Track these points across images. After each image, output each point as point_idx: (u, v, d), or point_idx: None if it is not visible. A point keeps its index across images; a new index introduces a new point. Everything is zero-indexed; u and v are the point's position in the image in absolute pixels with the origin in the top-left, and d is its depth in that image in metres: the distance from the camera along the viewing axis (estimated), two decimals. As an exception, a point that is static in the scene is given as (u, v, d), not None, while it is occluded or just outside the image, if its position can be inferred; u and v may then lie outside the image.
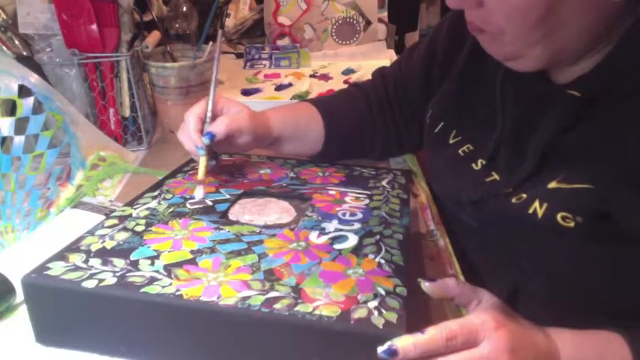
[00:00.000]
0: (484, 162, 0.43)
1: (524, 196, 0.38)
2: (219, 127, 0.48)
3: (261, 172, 0.53)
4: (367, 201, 0.47)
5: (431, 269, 0.46)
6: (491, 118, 0.43)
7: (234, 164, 0.55)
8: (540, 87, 0.40)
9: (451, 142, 0.47)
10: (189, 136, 0.48)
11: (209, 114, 0.49)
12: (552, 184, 0.37)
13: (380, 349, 0.29)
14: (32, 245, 0.46)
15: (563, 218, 0.35)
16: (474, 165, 0.44)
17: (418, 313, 0.38)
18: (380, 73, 0.60)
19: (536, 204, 0.37)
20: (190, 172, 0.53)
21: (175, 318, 0.33)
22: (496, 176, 0.42)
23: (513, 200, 0.39)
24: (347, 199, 0.47)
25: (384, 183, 0.51)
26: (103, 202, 0.53)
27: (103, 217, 0.48)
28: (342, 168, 0.55)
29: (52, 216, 0.52)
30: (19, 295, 0.40)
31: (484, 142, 0.44)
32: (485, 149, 0.43)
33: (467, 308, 0.34)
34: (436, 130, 0.50)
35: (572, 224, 0.35)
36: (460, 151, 0.46)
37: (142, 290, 0.33)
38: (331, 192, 0.49)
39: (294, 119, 0.55)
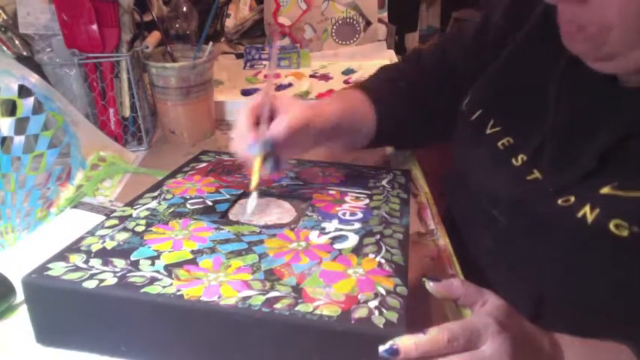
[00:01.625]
0: (525, 158, 0.41)
1: (572, 199, 0.36)
2: (278, 128, 0.41)
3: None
4: (367, 201, 0.47)
5: (431, 269, 0.46)
6: (540, 112, 0.40)
7: (233, 164, 0.55)
8: (608, 86, 0.37)
9: (488, 132, 0.44)
10: (242, 133, 0.41)
11: (265, 112, 0.42)
12: (605, 190, 0.35)
13: (381, 349, 0.29)
14: (32, 245, 0.46)
15: (617, 226, 0.33)
16: (513, 160, 0.41)
17: (418, 312, 0.38)
18: (416, 58, 0.57)
19: (587, 209, 0.35)
20: (190, 172, 0.53)
21: (176, 318, 0.33)
22: (538, 175, 0.39)
23: (559, 202, 0.36)
24: (347, 198, 0.47)
25: (384, 183, 0.51)
26: (103, 202, 0.53)
27: (103, 217, 0.48)
28: (341, 168, 0.55)
29: (52, 216, 0.52)
30: (19, 295, 0.40)
31: (527, 137, 0.41)
32: (528, 144, 0.41)
33: (471, 309, 0.34)
34: (472, 119, 0.47)
35: (625, 233, 0.33)
36: (499, 144, 0.43)
37: (143, 290, 0.33)
38: (331, 192, 0.49)
39: (351, 110, 0.50)
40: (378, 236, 0.41)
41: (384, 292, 0.33)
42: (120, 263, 0.36)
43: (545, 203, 0.38)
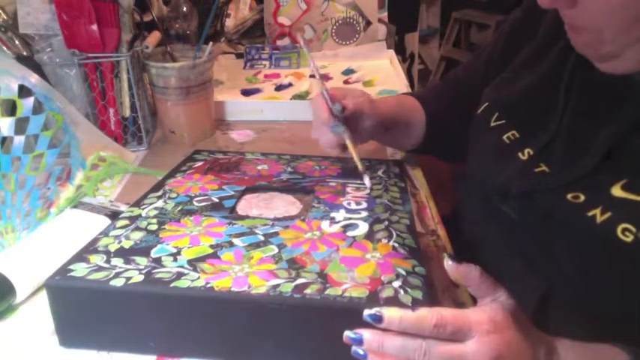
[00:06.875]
0: (532, 152, 0.41)
1: (582, 197, 0.36)
2: (347, 102, 0.48)
3: (259, 168, 0.54)
4: (368, 190, 0.49)
5: (431, 269, 0.46)
6: (547, 108, 0.41)
7: (229, 162, 0.56)
8: (617, 81, 0.37)
9: (492, 124, 0.46)
10: (322, 120, 0.47)
11: (330, 103, 0.47)
12: (616, 190, 0.35)
13: (366, 312, 0.30)
14: (32, 245, 0.46)
15: (623, 231, 0.33)
16: (520, 154, 0.42)
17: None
18: (452, 76, 0.61)
19: (598, 211, 0.35)
20: (189, 172, 0.54)
21: (207, 309, 0.34)
22: (545, 168, 0.40)
23: (569, 197, 0.37)
24: (348, 189, 0.50)
25: (380, 173, 0.54)
26: (103, 202, 0.54)
27: (103, 217, 0.48)
28: (335, 161, 0.57)
29: (52, 216, 0.53)
30: (19, 295, 0.41)
31: (534, 131, 0.42)
32: (535, 138, 0.41)
33: (479, 301, 0.34)
34: (479, 112, 0.49)
35: (630, 239, 0.33)
36: (505, 138, 0.44)
37: (173, 285, 0.34)
38: (331, 184, 0.51)
39: (403, 110, 0.57)
40: (387, 223, 0.43)
41: (404, 273, 0.36)
42: (142, 261, 0.37)
43: (555, 196, 0.38)
